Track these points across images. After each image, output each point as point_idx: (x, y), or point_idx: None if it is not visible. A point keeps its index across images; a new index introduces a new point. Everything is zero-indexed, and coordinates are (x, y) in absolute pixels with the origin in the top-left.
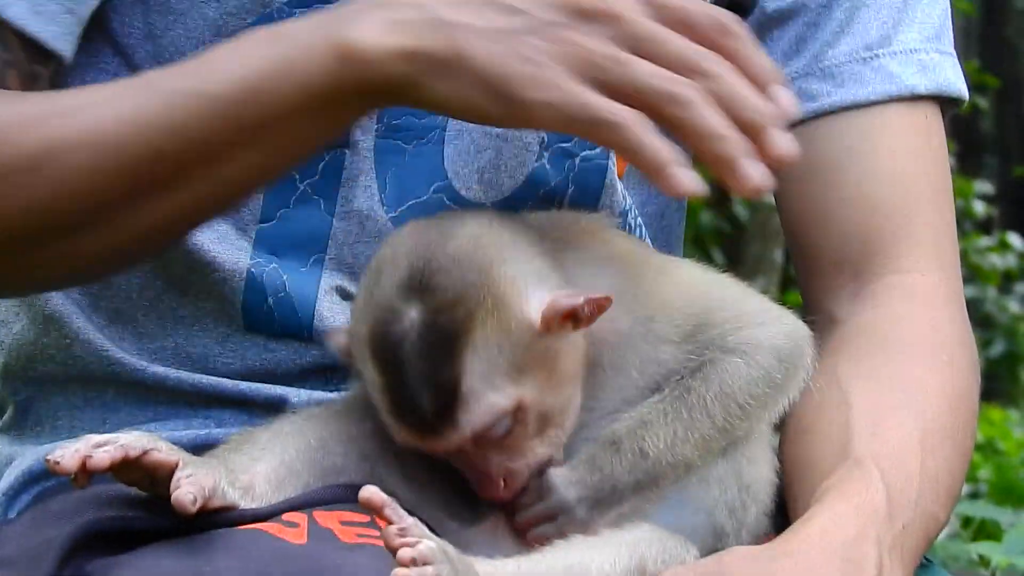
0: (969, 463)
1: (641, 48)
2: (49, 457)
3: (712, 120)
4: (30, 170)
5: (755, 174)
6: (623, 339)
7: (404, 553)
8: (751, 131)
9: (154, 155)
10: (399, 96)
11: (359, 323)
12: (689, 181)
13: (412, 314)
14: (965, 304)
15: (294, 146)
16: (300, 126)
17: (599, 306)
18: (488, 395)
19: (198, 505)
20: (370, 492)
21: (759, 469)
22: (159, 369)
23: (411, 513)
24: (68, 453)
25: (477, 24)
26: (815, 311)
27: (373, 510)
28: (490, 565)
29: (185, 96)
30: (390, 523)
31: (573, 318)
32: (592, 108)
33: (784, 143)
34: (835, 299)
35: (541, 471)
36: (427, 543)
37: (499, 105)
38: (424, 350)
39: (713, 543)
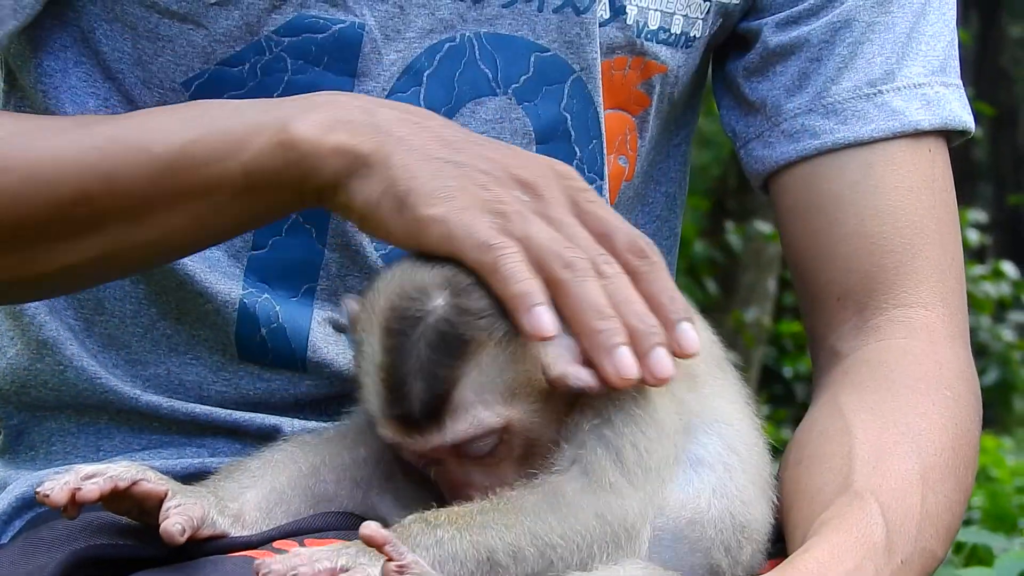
0: (969, 499)
1: (552, 225)
2: (39, 490)
3: (596, 294)
4: None
5: (626, 366)
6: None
7: None
8: (633, 336)
9: (80, 197)
10: (326, 194)
11: (381, 294)
12: (547, 325)
13: (439, 301)
14: (969, 339)
15: (218, 220)
16: (229, 201)
17: None
18: (478, 408)
19: (186, 536)
20: (371, 529)
21: (755, 511)
22: (152, 398)
23: None
24: (57, 486)
25: (412, 142)
26: (818, 345)
27: (374, 546)
28: None
29: (125, 147)
30: (390, 559)
31: None
32: (478, 229)
33: (663, 367)
34: (838, 333)
35: None
36: None
37: (397, 214)
38: (434, 342)
39: None
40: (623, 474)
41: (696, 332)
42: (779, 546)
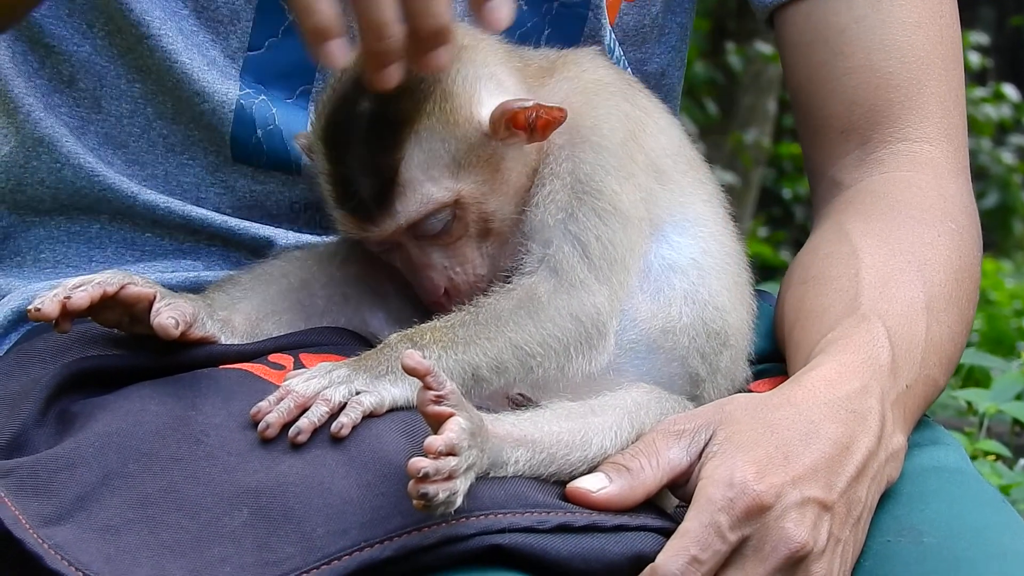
0: (970, 330)
1: None
2: (30, 307)
3: (379, 14)
4: None
5: (388, 76)
6: (553, 149)
7: (434, 442)
8: (416, 34)
9: None
10: None
11: (319, 116)
12: (338, 57)
13: (364, 103)
14: (970, 174)
15: None
16: None
17: (552, 117)
18: (426, 185)
19: (180, 329)
20: (415, 360)
21: (729, 317)
22: (150, 196)
23: None
24: (47, 299)
25: None
26: (819, 176)
27: (416, 376)
28: (499, 425)
29: None
30: (429, 388)
31: (526, 129)
32: None
33: (438, 61)
34: (840, 166)
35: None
36: (460, 425)
37: None
38: (369, 136)
39: (691, 390)
40: (590, 269)
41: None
42: (771, 365)
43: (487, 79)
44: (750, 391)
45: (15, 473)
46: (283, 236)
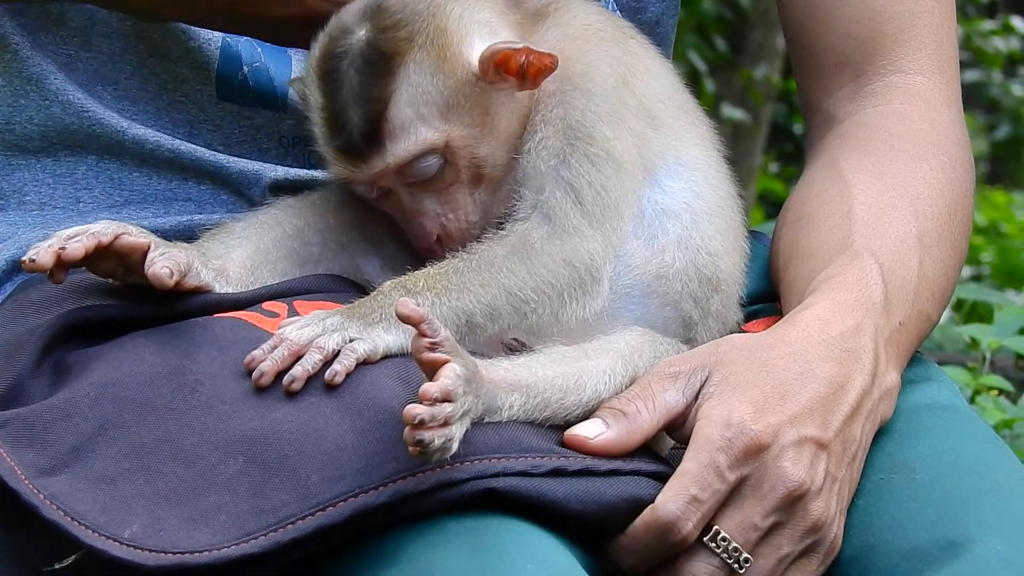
0: (963, 264)
1: None
2: (24, 258)
3: None
4: None
5: None
6: (544, 96)
7: (430, 389)
8: None
9: None
10: None
11: (315, 46)
12: None
13: (359, 34)
14: (962, 106)
15: None
16: None
17: (543, 64)
18: (416, 125)
19: (174, 279)
20: (409, 308)
21: (721, 262)
22: (139, 131)
23: None
24: (42, 250)
25: None
26: (813, 110)
27: (411, 323)
28: (493, 371)
29: None
30: (424, 336)
31: (517, 75)
32: None
33: None
34: (834, 99)
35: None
36: (455, 371)
37: None
38: (362, 67)
39: (684, 333)
40: (584, 215)
41: None
42: (765, 305)
43: (480, 24)
44: (744, 331)
45: (10, 424)
46: (271, 170)
